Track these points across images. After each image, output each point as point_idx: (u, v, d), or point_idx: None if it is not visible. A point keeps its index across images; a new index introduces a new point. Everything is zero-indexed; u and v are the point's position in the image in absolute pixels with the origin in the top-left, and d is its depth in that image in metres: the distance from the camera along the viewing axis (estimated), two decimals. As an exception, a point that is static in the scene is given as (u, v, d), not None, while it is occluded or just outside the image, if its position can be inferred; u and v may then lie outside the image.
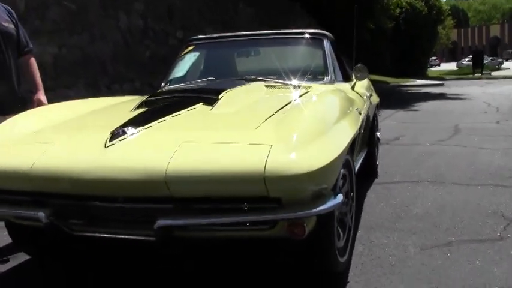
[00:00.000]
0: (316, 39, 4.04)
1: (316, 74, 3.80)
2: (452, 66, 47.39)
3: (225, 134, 2.28)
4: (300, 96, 2.98)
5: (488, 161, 5.29)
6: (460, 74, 33.90)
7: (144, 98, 3.05)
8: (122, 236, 2.17)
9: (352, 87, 3.95)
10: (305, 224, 2.02)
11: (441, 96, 16.41)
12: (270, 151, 1.94)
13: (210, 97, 2.85)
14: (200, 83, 3.79)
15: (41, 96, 3.30)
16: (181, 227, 2.06)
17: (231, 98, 2.88)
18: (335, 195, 2.09)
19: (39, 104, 3.25)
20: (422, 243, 2.99)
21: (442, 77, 31.98)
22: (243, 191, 1.93)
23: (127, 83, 8.96)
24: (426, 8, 31.18)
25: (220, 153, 2.03)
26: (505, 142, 6.45)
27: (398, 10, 27.55)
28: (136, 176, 1.96)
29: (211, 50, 4.28)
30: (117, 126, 2.33)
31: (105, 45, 8.72)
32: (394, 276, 2.56)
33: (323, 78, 3.76)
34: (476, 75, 30.83)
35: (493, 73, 32.28)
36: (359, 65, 4.08)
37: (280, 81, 3.55)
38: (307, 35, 4.08)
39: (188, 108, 2.68)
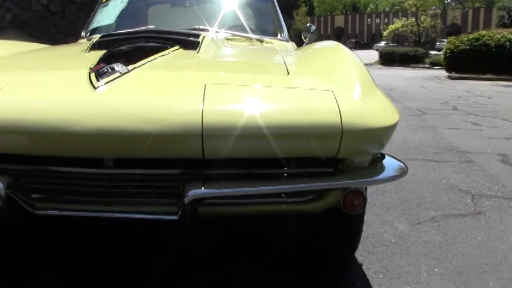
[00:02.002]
0: None
1: (269, 31, 3.35)
2: (303, 50, 49.43)
3: (254, 76, 1.75)
4: (284, 49, 2.53)
5: (401, 137, 5.36)
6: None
7: (95, 39, 2.34)
8: (125, 216, 1.53)
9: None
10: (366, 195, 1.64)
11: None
12: (336, 98, 1.48)
13: (188, 40, 2.25)
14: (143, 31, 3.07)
15: None
16: (213, 200, 1.54)
17: (213, 43, 2.32)
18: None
19: None
20: (406, 219, 2.79)
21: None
22: (301, 150, 1.45)
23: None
24: (285, -9, 31.95)
25: (270, 98, 1.52)
26: (403, 121, 6.65)
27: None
28: (154, 127, 1.36)
29: None
30: (91, 64, 1.69)
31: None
32: (407, 256, 2.30)
33: (277, 35, 3.32)
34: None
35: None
36: (308, 24, 3.75)
37: (238, 33, 3.01)
38: None
39: (167, 51, 2.03)
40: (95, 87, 1.49)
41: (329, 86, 1.58)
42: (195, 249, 2.29)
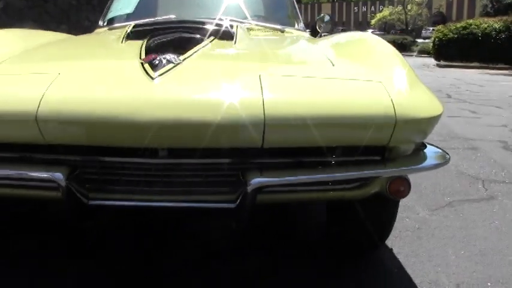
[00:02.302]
0: None
1: (287, 21, 3.41)
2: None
3: (303, 67, 1.83)
4: (312, 39, 2.60)
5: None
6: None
7: (128, 29, 2.38)
8: (180, 205, 1.59)
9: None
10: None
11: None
12: (386, 89, 1.57)
13: (222, 30, 2.31)
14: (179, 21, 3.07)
15: None
16: (270, 188, 1.61)
17: (245, 34, 2.39)
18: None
19: None
20: (425, 204, 2.91)
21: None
22: (355, 139, 1.54)
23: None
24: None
25: (325, 89, 1.60)
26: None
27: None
28: (219, 117, 1.40)
29: None
30: (135, 54, 1.75)
31: None
32: (433, 240, 2.42)
33: (294, 25, 3.38)
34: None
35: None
36: (322, 14, 3.83)
37: (261, 23, 3.06)
38: None
39: (206, 42, 2.07)
40: (152, 78, 1.53)
41: (377, 77, 1.66)
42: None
